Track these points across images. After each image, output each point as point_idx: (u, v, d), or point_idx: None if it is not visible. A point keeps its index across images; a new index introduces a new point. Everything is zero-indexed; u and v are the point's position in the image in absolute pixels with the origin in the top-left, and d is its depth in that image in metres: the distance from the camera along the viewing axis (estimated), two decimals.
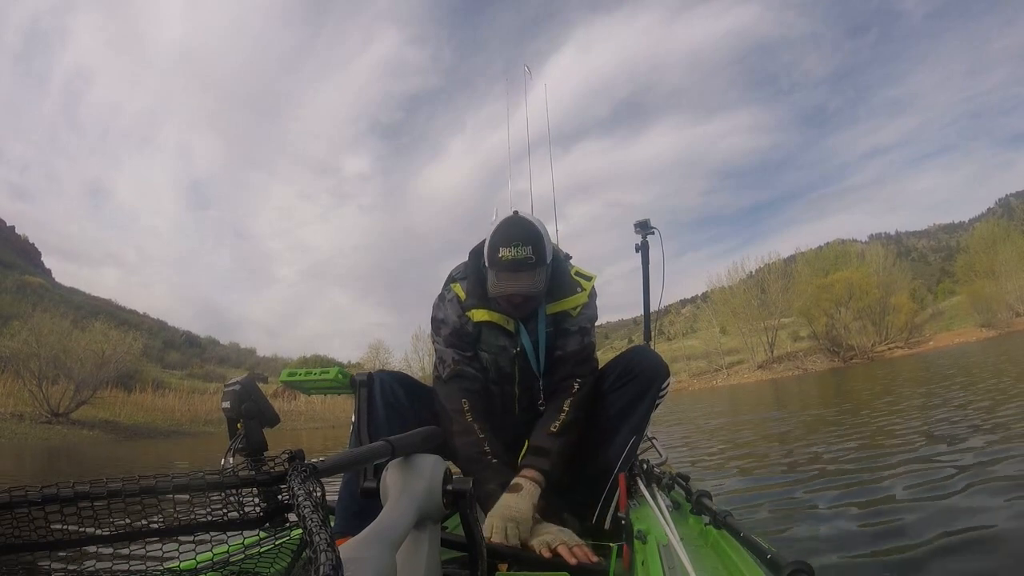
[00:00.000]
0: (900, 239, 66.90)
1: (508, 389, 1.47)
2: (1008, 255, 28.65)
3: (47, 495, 0.50)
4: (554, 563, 1.05)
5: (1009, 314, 27.04)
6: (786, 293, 30.93)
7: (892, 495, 2.14)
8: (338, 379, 1.33)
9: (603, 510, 1.37)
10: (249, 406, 0.84)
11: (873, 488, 2.30)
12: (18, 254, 52.97)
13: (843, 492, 2.32)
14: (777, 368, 27.72)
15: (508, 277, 1.30)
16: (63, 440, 15.68)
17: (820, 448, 3.60)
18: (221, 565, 0.73)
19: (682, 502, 1.37)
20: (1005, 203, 54.22)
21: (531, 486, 1.23)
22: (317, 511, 0.46)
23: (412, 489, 0.77)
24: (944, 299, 36.75)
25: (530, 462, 1.29)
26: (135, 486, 0.52)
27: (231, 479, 0.55)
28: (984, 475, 2.20)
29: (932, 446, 3.01)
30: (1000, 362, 8.93)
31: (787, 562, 0.75)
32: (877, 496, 2.16)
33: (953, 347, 20.89)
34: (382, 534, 0.66)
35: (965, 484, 2.11)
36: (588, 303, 1.46)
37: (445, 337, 1.44)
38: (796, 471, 2.97)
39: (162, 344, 44.61)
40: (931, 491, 2.10)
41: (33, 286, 43.99)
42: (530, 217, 1.37)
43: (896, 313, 27.35)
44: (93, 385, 19.14)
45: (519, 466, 1.31)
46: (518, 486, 1.23)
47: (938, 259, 55.97)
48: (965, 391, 5.61)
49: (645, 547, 1.04)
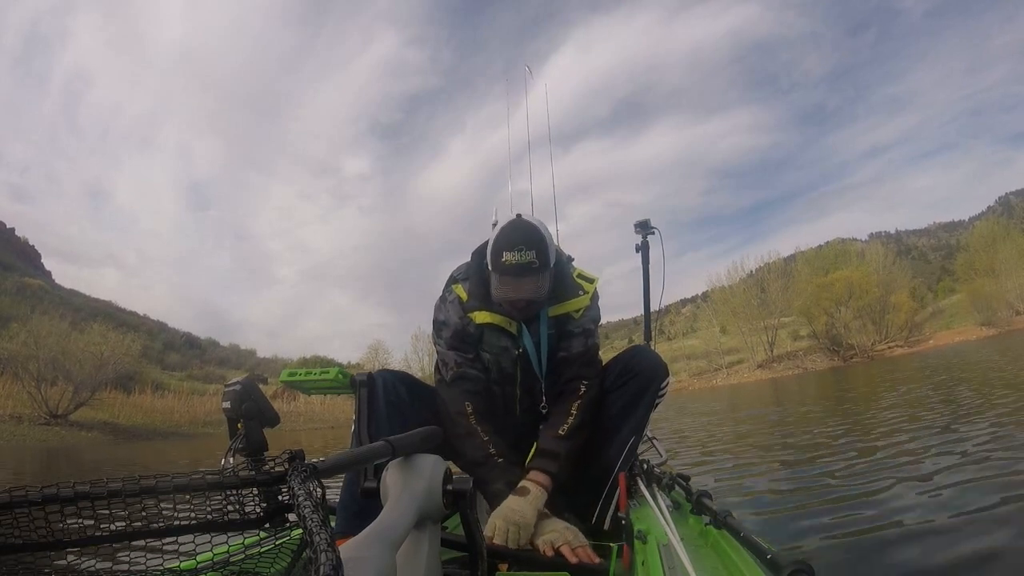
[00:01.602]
0: (900, 238, 66.95)
1: (510, 390, 1.47)
2: (1008, 253, 28.66)
3: (47, 495, 0.50)
4: (554, 563, 1.05)
5: (1009, 312, 27.05)
6: (786, 292, 30.95)
7: (892, 495, 2.14)
8: (338, 379, 1.33)
9: (603, 510, 1.37)
10: (249, 406, 0.84)
11: (873, 488, 2.30)
12: (18, 256, 52.98)
13: (843, 492, 2.32)
14: (777, 367, 27.73)
15: (511, 282, 1.30)
16: (61, 441, 15.67)
17: (820, 448, 3.60)
18: (221, 565, 0.73)
19: (682, 502, 1.37)
20: (1005, 201, 54.26)
21: (537, 490, 1.23)
22: (317, 511, 0.46)
23: (412, 489, 0.78)
24: (944, 297, 36.76)
25: (538, 465, 1.29)
26: (135, 486, 0.52)
27: (231, 479, 0.55)
28: (984, 476, 2.20)
29: (932, 446, 3.01)
30: (1004, 360, 8.94)
31: (787, 562, 0.75)
32: (877, 496, 2.16)
33: (953, 345, 20.90)
34: (382, 534, 0.66)
35: (966, 484, 2.12)
36: (591, 305, 1.46)
37: (447, 339, 1.44)
38: (796, 471, 2.97)
39: (162, 346, 44.64)
40: (932, 490, 2.11)
41: (33, 288, 44.00)
42: (533, 220, 1.36)
43: (896, 312, 27.38)
44: (92, 387, 19.15)
45: (527, 468, 1.31)
46: (524, 489, 1.22)
47: (938, 257, 55.98)
48: (966, 388, 5.61)
49: (645, 547, 1.04)
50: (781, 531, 1.91)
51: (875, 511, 1.96)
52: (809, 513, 2.09)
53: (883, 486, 2.29)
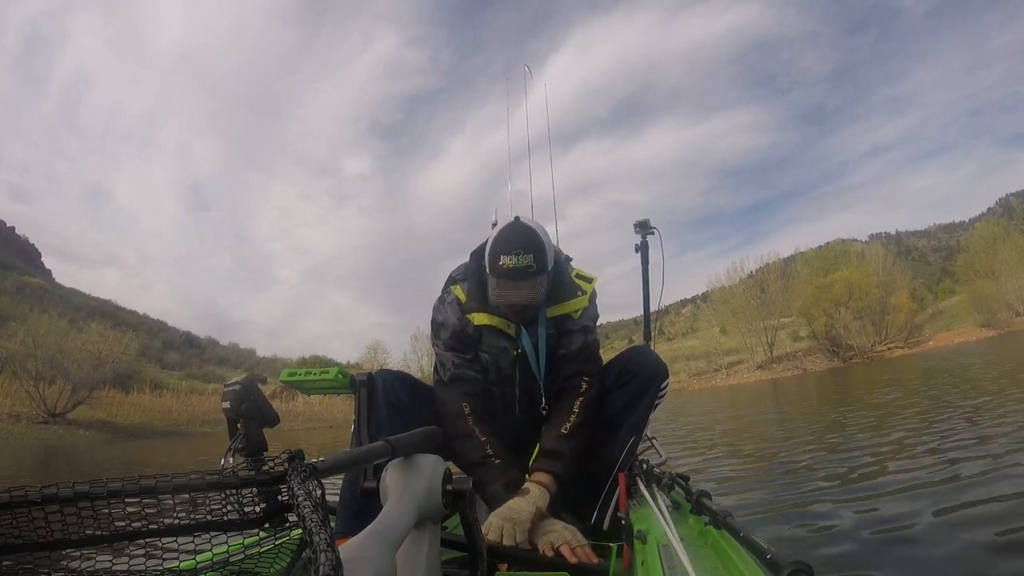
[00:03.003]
0: (900, 238, 66.93)
1: (509, 391, 1.47)
2: (1008, 254, 28.68)
3: (47, 495, 0.50)
4: (554, 563, 1.05)
5: (1009, 313, 27.07)
6: (786, 293, 30.95)
7: (892, 495, 2.14)
8: (338, 379, 1.33)
9: (603, 510, 1.37)
10: (249, 406, 0.84)
11: (873, 488, 2.30)
12: (18, 255, 52.93)
13: (843, 492, 2.32)
14: (777, 368, 27.73)
15: (508, 286, 1.30)
16: (59, 440, 15.66)
17: (820, 447, 3.60)
18: (221, 565, 0.73)
19: (682, 502, 1.36)
20: (1005, 202, 54.21)
21: (538, 490, 1.23)
22: (317, 511, 0.46)
23: (412, 489, 0.77)
24: (944, 299, 36.77)
25: (541, 465, 1.29)
26: (135, 486, 0.52)
27: (231, 479, 0.55)
28: (984, 476, 2.20)
29: (932, 445, 3.01)
30: (1001, 361, 8.94)
31: (787, 562, 0.75)
32: (877, 496, 2.16)
33: (953, 347, 20.90)
34: (382, 534, 0.66)
35: (966, 485, 2.12)
36: (589, 306, 1.46)
37: (445, 341, 1.44)
38: (796, 471, 2.97)
39: (161, 345, 44.59)
40: (932, 490, 2.11)
41: (32, 287, 43.96)
42: (531, 223, 1.36)
43: (896, 313, 27.38)
44: (90, 385, 19.13)
45: (531, 470, 1.30)
46: (525, 490, 1.23)
47: (938, 259, 55.99)
48: (966, 388, 5.61)
49: (645, 547, 1.04)
50: (781, 531, 1.91)
51: (875, 511, 1.96)
52: (809, 513, 2.09)
53: (883, 486, 2.29)
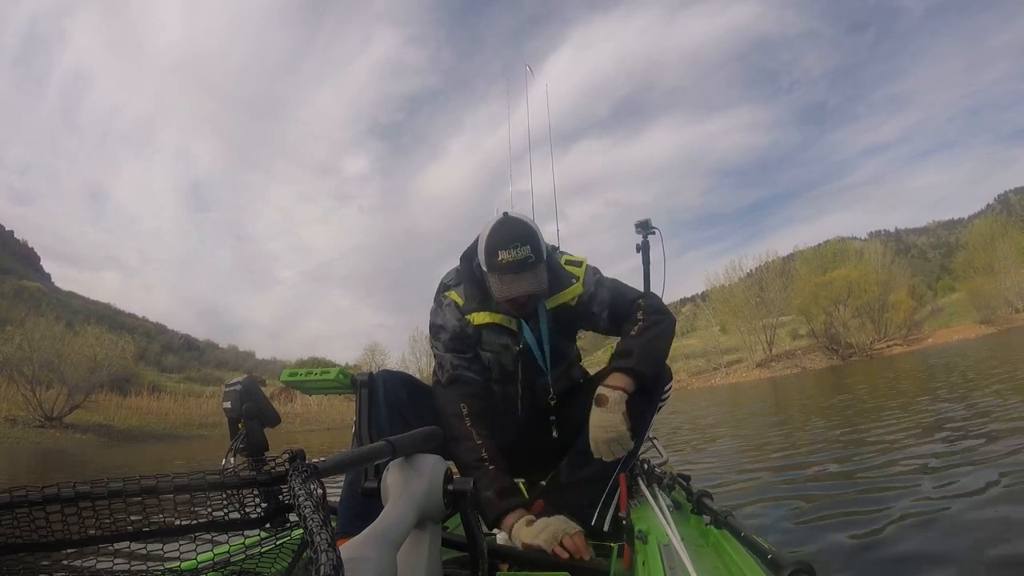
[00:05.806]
0: (900, 236, 67.05)
1: (511, 389, 1.47)
2: (1007, 251, 28.71)
3: (47, 495, 0.50)
4: (554, 563, 1.05)
5: (1008, 310, 27.11)
6: (785, 291, 30.92)
7: (892, 494, 2.15)
8: (339, 379, 1.33)
9: (603, 510, 1.37)
10: (250, 406, 0.84)
11: (873, 488, 2.31)
12: (17, 259, 52.82)
13: (843, 492, 2.32)
14: (776, 366, 27.72)
15: (512, 279, 1.29)
16: (56, 444, 15.64)
17: (819, 447, 3.60)
18: (222, 565, 0.73)
19: (683, 502, 1.37)
20: (1004, 199, 54.37)
21: (615, 394, 1.19)
22: (318, 511, 0.46)
23: (413, 489, 0.77)
24: (944, 296, 36.77)
25: (615, 365, 1.24)
26: (135, 486, 0.52)
27: (232, 479, 0.55)
28: (985, 475, 2.20)
29: (931, 445, 3.01)
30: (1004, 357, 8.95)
31: (788, 562, 0.75)
32: (877, 496, 2.17)
33: (952, 344, 20.92)
34: (383, 534, 0.66)
35: (967, 483, 2.12)
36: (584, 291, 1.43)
37: (444, 342, 1.43)
38: (796, 471, 2.98)
39: (160, 347, 44.47)
40: (932, 490, 2.11)
41: (30, 291, 43.86)
42: (520, 216, 1.36)
43: (895, 310, 27.37)
44: (86, 389, 19.10)
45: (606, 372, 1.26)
46: (603, 398, 1.19)
47: (938, 256, 56.01)
48: (966, 388, 5.62)
49: (646, 547, 1.04)
50: (781, 531, 1.91)
51: (875, 511, 1.96)
52: (809, 513, 2.09)
53: (883, 486, 2.29)
